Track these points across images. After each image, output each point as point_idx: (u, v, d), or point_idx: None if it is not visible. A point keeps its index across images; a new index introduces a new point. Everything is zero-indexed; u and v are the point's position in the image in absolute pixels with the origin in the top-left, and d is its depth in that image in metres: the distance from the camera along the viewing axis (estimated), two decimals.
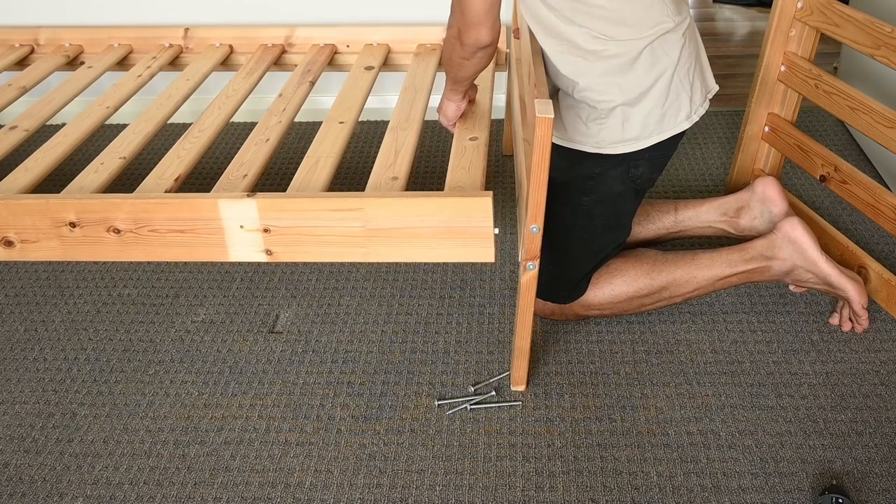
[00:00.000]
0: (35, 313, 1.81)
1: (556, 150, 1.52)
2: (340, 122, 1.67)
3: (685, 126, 1.50)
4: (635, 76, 1.42)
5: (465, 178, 1.44)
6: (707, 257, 1.63)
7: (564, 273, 1.61)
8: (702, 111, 1.52)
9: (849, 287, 1.60)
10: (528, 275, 1.39)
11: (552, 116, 1.22)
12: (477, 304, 1.78)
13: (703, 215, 1.77)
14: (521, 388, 1.56)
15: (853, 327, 1.65)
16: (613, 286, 1.62)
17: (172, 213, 1.39)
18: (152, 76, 2.00)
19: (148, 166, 2.27)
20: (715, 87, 1.57)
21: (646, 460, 1.42)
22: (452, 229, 1.35)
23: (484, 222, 1.34)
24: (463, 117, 1.65)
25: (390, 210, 1.34)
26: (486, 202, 1.32)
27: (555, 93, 1.53)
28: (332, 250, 1.40)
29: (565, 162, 1.52)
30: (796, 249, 1.60)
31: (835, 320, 1.68)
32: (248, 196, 1.37)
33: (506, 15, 2.16)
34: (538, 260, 1.37)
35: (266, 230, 1.38)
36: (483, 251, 1.37)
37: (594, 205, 1.55)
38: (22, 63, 2.16)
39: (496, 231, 1.35)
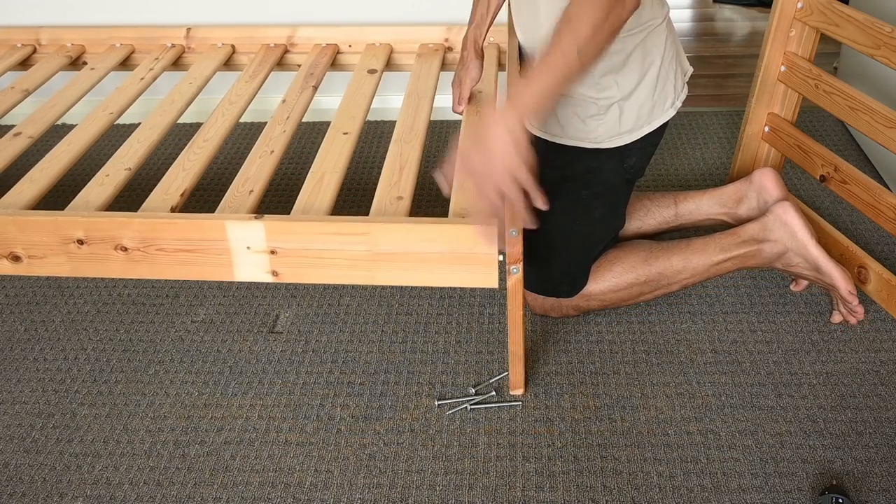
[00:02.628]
0: (35, 313, 1.81)
1: (554, 147, 1.53)
2: (344, 133, 1.67)
3: (671, 114, 1.54)
4: (629, 71, 1.45)
5: (470, 198, 1.44)
6: (701, 243, 1.65)
7: (566, 268, 1.62)
8: (683, 96, 1.56)
9: (835, 273, 1.60)
10: (514, 278, 1.40)
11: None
12: (477, 304, 1.78)
13: (703, 208, 1.78)
14: (520, 391, 1.56)
15: (849, 319, 1.65)
16: (613, 273, 1.63)
17: (180, 234, 1.40)
18: (155, 78, 2.00)
19: (154, 174, 2.27)
20: (690, 69, 1.61)
21: (646, 460, 1.42)
22: (457, 255, 1.37)
23: (489, 249, 1.35)
24: (467, 127, 1.64)
25: (396, 235, 1.36)
26: (489, 231, 1.33)
27: None
28: (338, 273, 1.41)
29: (563, 159, 1.53)
30: (787, 232, 1.61)
31: (837, 318, 1.68)
32: (255, 218, 1.38)
33: (503, 14, 2.16)
34: (521, 263, 1.38)
35: (273, 252, 1.40)
36: (486, 277, 1.39)
37: (592, 198, 1.56)
38: (24, 63, 2.16)
39: (500, 258, 1.36)
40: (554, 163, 1.54)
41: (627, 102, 1.47)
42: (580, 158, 1.52)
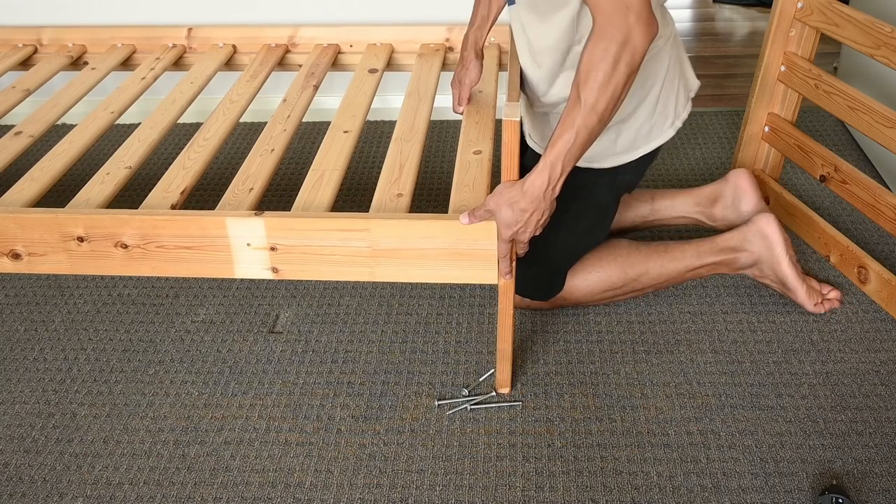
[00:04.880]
0: (35, 313, 1.82)
1: None
2: (345, 132, 1.67)
3: (670, 134, 1.53)
4: (629, 94, 1.43)
5: (470, 196, 1.44)
6: (678, 249, 1.66)
7: (545, 274, 1.63)
8: (684, 115, 1.55)
9: (799, 292, 1.64)
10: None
11: (518, 119, 1.24)
12: (477, 304, 1.78)
13: (678, 206, 1.79)
14: (506, 390, 1.56)
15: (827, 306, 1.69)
16: (589, 281, 1.65)
17: (180, 230, 1.40)
18: (156, 78, 2.00)
19: (154, 173, 2.27)
20: (696, 84, 1.59)
21: (646, 460, 1.42)
22: (457, 251, 1.37)
23: (488, 245, 1.36)
24: (467, 127, 1.64)
25: (396, 231, 1.36)
26: (490, 226, 1.34)
27: (550, 105, 1.54)
28: (338, 269, 1.42)
29: None
30: (766, 245, 1.63)
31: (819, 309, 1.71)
32: (255, 215, 1.38)
33: (504, 15, 2.15)
34: (513, 263, 1.39)
35: (273, 248, 1.40)
36: (487, 273, 1.39)
37: (581, 210, 1.56)
38: (25, 63, 2.16)
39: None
40: None
41: (625, 125, 1.46)
42: (573, 174, 1.51)
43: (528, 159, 1.64)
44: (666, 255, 1.65)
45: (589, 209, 1.57)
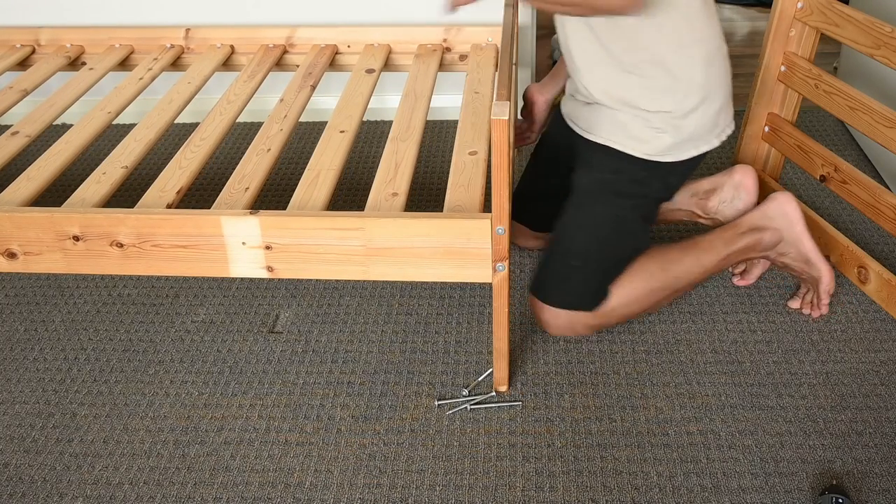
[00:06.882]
0: (35, 313, 1.81)
1: (608, 151, 1.56)
2: (341, 132, 1.67)
3: (715, 144, 1.57)
4: (692, 91, 1.49)
5: (465, 196, 1.45)
6: (707, 241, 1.64)
7: (592, 280, 1.58)
8: (728, 132, 1.60)
9: (823, 269, 1.63)
10: (499, 276, 1.40)
11: (507, 118, 1.25)
12: (477, 304, 1.78)
13: (676, 197, 1.78)
14: (504, 388, 1.56)
15: (811, 312, 1.69)
16: (634, 285, 1.59)
17: (175, 229, 1.40)
18: (153, 79, 2.00)
19: (151, 173, 2.27)
20: (732, 124, 1.64)
21: (646, 460, 1.42)
22: (451, 250, 1.37)
23: (482, 244, 1.36)
24: (463, 128, 1.65)
25: (391, 230, 1.37)
26: (484, 225, 1.34)
27: (608, 97, 1.55)
28: (333, 268, 1.42)
29: (615, 164, 1.56)
30: (787, 221, 1.63)
31: (795, 304, 1.71)
32: (250, 213, 1.38)
33: (498, 15, 2.15)
34: (507, 261, 1.39)
35: (268, 247, 1.41)
36: (481, 272, 1.40)
37: (631, 209, 1.57)
38: (23, 64, 2.16)
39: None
40: (609, 167, 1.56)
41: (685, 121, 1.51)
42: (631, 166, 1.54)
43: (552, 135, 1.73)
44: (697, 249, 1.63)
45: (638, 208, 1.58)
